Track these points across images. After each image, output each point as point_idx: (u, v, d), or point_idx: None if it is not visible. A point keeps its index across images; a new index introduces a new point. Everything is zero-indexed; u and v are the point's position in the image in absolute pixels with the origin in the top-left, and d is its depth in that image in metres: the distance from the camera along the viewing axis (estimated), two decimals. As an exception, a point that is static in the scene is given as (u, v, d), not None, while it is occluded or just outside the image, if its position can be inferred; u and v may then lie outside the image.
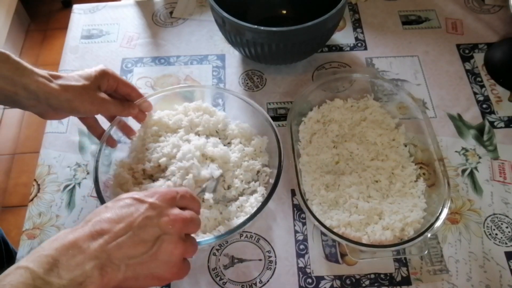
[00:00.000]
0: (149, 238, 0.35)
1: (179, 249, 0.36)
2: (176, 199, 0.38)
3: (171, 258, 0.36)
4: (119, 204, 0.36)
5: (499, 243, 0.51)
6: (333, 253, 0.51)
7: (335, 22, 0.60)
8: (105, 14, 0.76)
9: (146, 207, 0.36)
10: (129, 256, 0.34)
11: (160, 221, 0.35)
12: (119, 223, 0.34)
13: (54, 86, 0.46)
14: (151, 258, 0.35)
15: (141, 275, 0.35)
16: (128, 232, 0.34)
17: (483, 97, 0.63)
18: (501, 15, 0.71)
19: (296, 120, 0.57)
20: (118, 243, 0.33)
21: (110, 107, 0.50)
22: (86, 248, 0.32)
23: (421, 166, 0.55)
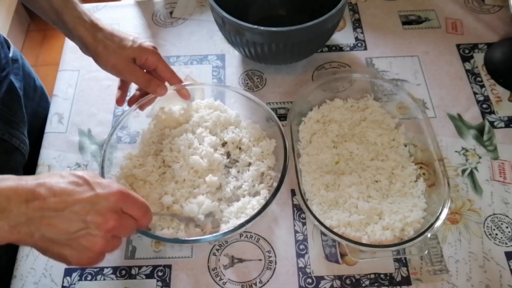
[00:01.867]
0: (75, 224, 0.35)
1: (97, 247, 0.36)
2: (126, 202, 0.37)
3: (85, 253, 0.36)
4: (70, 179, 0.36)
5: (499, 243, 0.51)
6: (333, 253, 0.51)
7: (335, 22, 0.60)
8: (105, 14, 0.76)
9: (89, 196, 0.35)
10: (47, 230, 0.34)
11: (93, 216, 0.35)
12: (57, 197, 0.35)
13: (88, 35, 0.50)
14: (67, 242, 0.35)
15: (49, 250, 0.36)
16: (59, 209, 0.34)
17: (483, 97, 0.63)
18: (501, 15, 0.71)
19: (296, 120, 0.57)
20: (43, 215, 0.34)
21: (133, 77, 0.52)
22: (13, 205, 0.33)
23: (421, 166, 0.55)
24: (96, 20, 0.51)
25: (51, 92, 0.67)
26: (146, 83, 0.53)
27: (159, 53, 0.53)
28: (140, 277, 0.50)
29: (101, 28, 0.51)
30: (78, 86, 0.67)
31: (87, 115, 0.64)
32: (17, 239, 0.34)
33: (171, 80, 0.55)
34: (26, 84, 0.66)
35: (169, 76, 0.55)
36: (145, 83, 0.53)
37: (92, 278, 0.50)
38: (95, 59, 0.52)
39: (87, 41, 0.51)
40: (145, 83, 0.53)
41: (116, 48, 0.50)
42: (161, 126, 0.57)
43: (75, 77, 0.68)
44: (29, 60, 0.49)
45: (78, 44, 0.53)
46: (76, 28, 0.50)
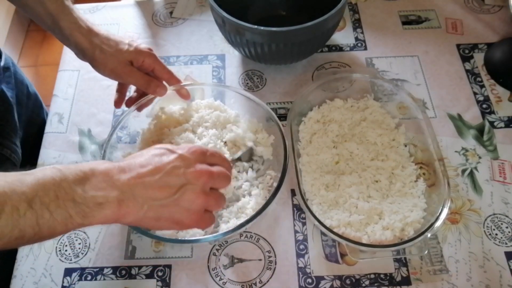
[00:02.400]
0: (174, 184, 0.37)
1: (200, 199, 0.38)
2: (205, 155, 0.40)
3: (191, 207, 0.38)
4: (151, 152, 0.39)
5: (499, 243, 0.51)
6: (333, 253, 0.51)
7: (335, 22, 0.60)
8: (105, 14, 0.76)
9: (175, 157, 0.38)
10: (152, 197, 0.36)
11: (186, 172, 0.38)
12: (147, 166, 0.37)
13: (85, 41, 0.50)
14: (173, 203, 0.37)
15: (162, 217, 0.38)
16: (155, 175, 0.37)
17: (483, 97, 0.63)
18: (501, 15, 0.71)
19: (296, 120, 0.57)
20: (144, 183, 0.36)
21: (132, 79, 0.52)
22: (116, 180, 0.35)
23: (421, 166, 0.55)
24: (92, 25, 0.51)
25: (51, 93, 0.67)
26: (145, 85, 0.53)
27: (155, 55, 0.53)
28: (140, 277, 0.50)
29: (97, 33, 0.51)
30: (78, 86, 0.67)
31: (87, 115, 0.64)
32: (126, 212, 0.36)
33: (170, 80, 0.55)
34: (19, 92, 0.65)
35: (167, 76, 0.55)
36: (144, 84, 0.53)
37: (92, 278, 0.50)
38: (93, 64, 0.52)
39: (84, 47, 0.50)
40: (145, 85, 0.53)
41: (113, 52, 0.51)
42: (161, 126, 0.57)
43: (75, 77, 0.68)
44: (29, 60, 0.49)
45: (74, 50, 0.52)
46: (72, 34, 0.50)
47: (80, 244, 0.52)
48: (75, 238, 0.53)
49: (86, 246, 0.52)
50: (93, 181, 0.35)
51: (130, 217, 0.36)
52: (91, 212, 0.34)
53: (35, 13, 0.50)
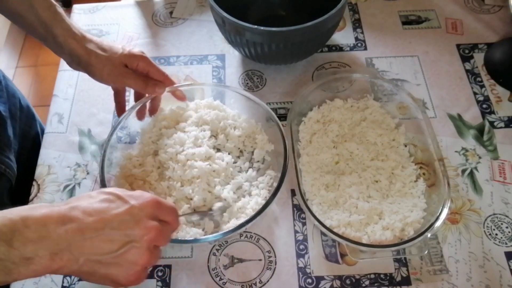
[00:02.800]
0: (118, 240, 0.34)
1: (144, 260, 0.35)
2: (158, 208, 0.37)
3: (133, 267, 0.35)
4: (101, 197, 0.36)
5: (499, 243, 0.51)
6: (333, 253, 0.51)
7: (335, 22, 0.60)
8: (105, 14, 0.76)
9: (125, 209, 0.35)
10: (91, 252, 0.34)
11: (133, 228, 0.35)
12: (93, 216, 0.34)
13: (80, 47, 0.49)
14: (113, 261, 0.34)
15: (97, 273, 0.35)
16: (98, 228, 0.34)
17: (483, 97, 0.63)
18: (501, 15, 0.71)
19: (296, 120, 0.57)
20: (84, 237, 0.33)
21: (130, 81, 0.52)
22: (52, 231, 0.32)
23: (421, 166, 0.55)
24: (85, 32, 0.51)
25: (51, 93, 0.67)
26: (143, 85, 0.53)
27: (148, 58, 0.53)
28: (140, 277, 0.50)
29: (90, 39, 0.51)
30: (78, 86, 0.67)
31: (87, 115, 0.64)
32: (60, 267, 0.33)
33: (165, 81, 0.55)
34: (11, 105, 0.63)
35: (162, 78, 0.55)
36: (142, 84, 0.53)
37: (92, 278, 0.50)
38: (89, 70, 0.51)
39: (79, 53, 0.50)
40: (143, 85, 0.53)
41: (108, 56, 0.50)
42: (161, 126, 0.57)
43: (75, 77, 0.68)
44: (29, 60, 0.49)
45: (67, 59, 0.52)
46: (67, 41, 0.49)
47: (80, 244, 0.52)
48: (75, 238, 0.53)
49: (86, 246, 0.52)
50: (24, 233, 0.31)
51: (64, 270, 0.33)
52: (16, 268, 0.31)
53: (27, 22, 0.49)
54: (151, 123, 0.57)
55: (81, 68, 0.52)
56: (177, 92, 0.57)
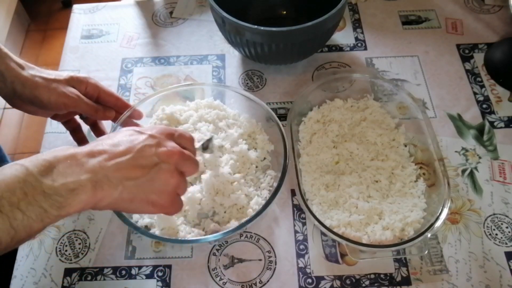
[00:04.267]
0: (147, 163, 0.36)
1: (174, 178, 0.38)
2: (174, 135, 0.40)
3: (166, 187, 0.38)
4: (120, 134, 0.38)
5: (499, 243, 0.51)
6: (333, 253, 0.51)
7: (335, 22, 0.60)
8: (105, 14, 0.76)
9: (146, 137, 0.38)
10: (126, 177, 0.35)
11: (158, 150, 0.37)
12: (118, 146, 0.36)
13: (23, 72, 0.46)
14: (147, 183, 0.36)
15: (136, 197, 0.36)
16: (128, 155, 0.36)
17: (483, 97, 0.63)
18: (501, 15, 0.71)
19: (296, 120, 0.57)
20: (117, 163, 0.35)
21: (80, 104, 0.48)
22: (85, 162, 0.34)
23: (421, 166, 0.55)
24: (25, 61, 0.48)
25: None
26: (93, 111, 0.50)
27: (97, 81, 0.51)
28: (140, 277, 0.50)
29: (33, 66, 0.48)
30: (78, 86, 0.67)
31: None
32: (103, 196, 0.34)
33: (117, 104, 0.52)
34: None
35: (113, 101, 0.52)
36: (90, 111, 0.50)
37: (92, 278, 0.50)
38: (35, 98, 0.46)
39: (23, 79, 0.46)
40: (92, 110, 0.50)
41: (54, 79, 0.47)
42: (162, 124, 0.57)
43: (75, 77, 0.68)
44: (29, 60, 0.48)
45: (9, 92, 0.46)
46: (9, 68, 0.45)
47: (80, 244, 0.52)
48: (75, 238, 0.53)
49: (86, 246, 0.52)
50: (60, 168, 0.33)
51: (106, 200, 0.35)
52: (65, 201, 0.32)
53: None
54: (151, 122, 0.57)
55: (25, 100, 0.47)
56: (135, 112, 0.54)
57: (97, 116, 0.51)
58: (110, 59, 0.70)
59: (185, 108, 0.59)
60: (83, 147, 0.36)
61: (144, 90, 0.66)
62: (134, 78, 0.67)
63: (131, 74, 0.68)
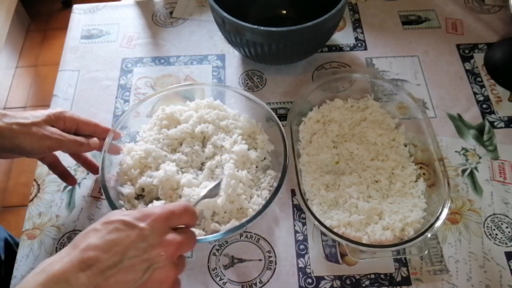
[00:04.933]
0: (139, 267, 0.34)
1: (170, 275, 0.35)
2: (169, 220, 0.36)
3: (162, 286, 0.35)
4: (108, 228, 0.35)
5: (499, 243, 0.51)
6: (333, 253, 0.51)
7: (335, 22, 0.60)
8: (105, 14, 0.76)
9: (136, 234, 0.34)
10: (118, 286, 0.33)
11: (151, 250, 0.34)
12: (108, 252, 0.33)
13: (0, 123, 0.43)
14: (141, 287, 0.34)
15: None
16: (116, 263, 0.33)
17: (483, 97, 0.63)
18: (501, 15, 0.71)
19: (296, 120, 0.57)
20: (106, 276, 0.32)
21: (64, 143, 0.47)
22: (74, 281, 0.31)
23: (421, 166, 0.54)
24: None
25: (51, 93, 0.67)
26: (77, 147, 0.48)
27: (72, 112, 0.49)
28: (140, 277, 0.50)
29: (5, 113, 0.44)
30: (78, 86, 0.67)
31: (87, 115, 0.62)
32: None
33: (96, 131, 0.51)
34: None
35: (92, 128, 0.51)
36: (75, 146, 0.48)
37: (92, 278, 0.50)
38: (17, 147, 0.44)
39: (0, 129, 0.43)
40: (76, 147, 0.48)
41: (32, 124, 0.45)
42: (163, 126, 0.57)
43: (75, 77, 0.68)
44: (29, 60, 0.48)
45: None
46: None
47: (80, 244, 0.52)
48: (75, 238, 0.53)
49: (86, 246, 0.52)
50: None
51: None
52: None
53: None
54: (151, 122, 0.57)
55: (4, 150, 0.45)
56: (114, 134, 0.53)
57: (82, 150, 0.49)
58: (110, 59, 0.70)
59: (185, 108, 0.59)
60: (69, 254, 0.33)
61: (144, 90, 0.66)
62: (134, 78, 0.67)
63: (131, 74, 0.68)
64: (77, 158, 0.54)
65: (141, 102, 0.56)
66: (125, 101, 0.65)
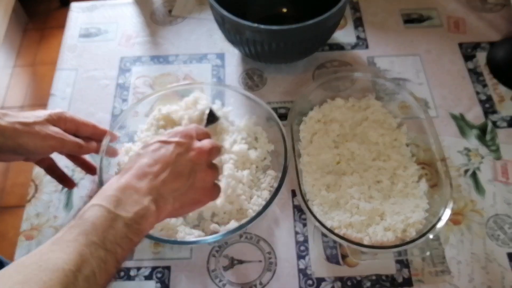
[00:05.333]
0: (185, 171, 0.40)
1: (209, 175, 0.42)
2: (194, 135, 0.43)
3: (205, 184, 0.42)
4: (150, 149, 0.40)
5: (502, 244, 0.50)
6: (334, 254, 0.50)
7: (336, 21, 0.59)
8: (103, 12, 0.75)
9: (174, 146, 0.40)
10: (173, 189, 0.39)
11: (189, 155, 0.41)
12: (156, 165, 0.39)
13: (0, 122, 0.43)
14: (190, 188, 0.40)
15: (185, 203, 0.41)
16: (167, 170, 0.39)
17: (486, 97, 0.63)
18: (504, 14, 0.71)
19: (296, 119, 0.57)
20: (162, 180, 0.38)
21: (66, 144, 0.47)
22: (140, 188, 0.37)
23: (423, 166, 0.54)
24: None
25: (49, 92, 0.66)
26: (77, 148, 0.49)
27: (71, 114, 0.49)
28: (139, 278, 0.50)
29: (6, 113, 0.44)
30: (76, 85, 0.66)
31: (85, 114, 0.63)
32: (161, 213, 0.38)
33: (95, 132, 0.51)
34: None
35: (91, 130, 0.51)
36: (75, 148, 0.48)
37: (90, 280, 0.50)
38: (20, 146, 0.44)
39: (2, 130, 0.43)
40: (76, 148, 0.48)
41: (35, 123, 0.45)
42: (159, 125, 0.56)
43: (73, 76, 0.67)
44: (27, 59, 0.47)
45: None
46: None
47: (78, 245, 0.52)
48: (73, 239, 0.52)
49: (84, 247, 0.52)
50: (125, 199, 0.36)
51: (163, 215, 0.38)
52: (141, 227, 0.35)
53: None
54: (148, 122, 0.57)
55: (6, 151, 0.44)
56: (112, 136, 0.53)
57: (81, 152, 0.50)
58: (108, 58, 0.69)
59: (178, 108, 0.57)
60: (125, 173, 0.38)
61: (143, 89, 0.65)
62: (133, 77, 0.67)
63: (130, 73, 0.67)
64: (74, 160, 0.54)
65: (139, 101, 0.56)
66: (124, 100, 0.64)
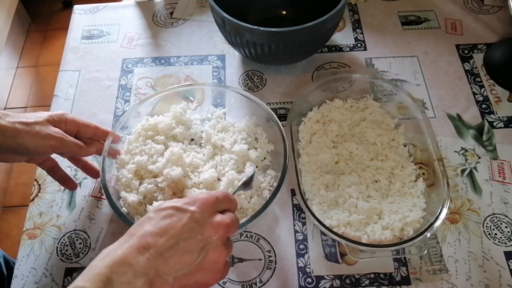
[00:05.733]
0: (194, 248, 0.35)
1: (223, 256, 0.37)
2: (216, 204, 0.38)
3: (216, 266, 0.37)
4: (161, 215, 0.36)
5: (498, 243, 0.51)
6: (332, 253, 0.51)
7: (335, 23, 0.60)
8: (105, 14, 0.76)
9: (188, 217, 0.36)
10: (176, 268, 0.35)
11: (203, 231, 0.36)
12: (163, 236, 0.35)
13: (0, 121, 0.43)
14: (197, 268, 0.35)
15: (187, 285, 0.35)
16: (173, 245, 0.35)
17: (483, 97, 0.63)
18: (500, 16, 0.72)
19: (296, 120, 0.57)
20: (164, 258, 0.34)
21: (66, 144, 0.47)
22: (135, 264, 0.33)
23: (421, 166, 0.55)
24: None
25: (52, 93, 0.67)
26: (77, 150, 0.48)
27: (73, 115, 0.49)
28: (141, 276, 0.50)
29: (6, 113, 0.44)
30: (79, 86, 0.67)
31: (88, 115, 0.64)
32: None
33: (97, 133, 0.51)
34: None
35: (93, 131, 0.51)
36: (76, 149, 0.48)
37: (92, 278, 0.50)
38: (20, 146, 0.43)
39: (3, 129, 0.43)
40: (77, 150, 0.48)
41: (36, 123, 0.44)
42: (147, 136, 0.56)
43: (75, 77, 0.68)
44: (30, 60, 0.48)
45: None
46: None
47: (81, 244, 0.53)
48: (76, 238, 0.53)
49: (86, 246, 0.52)
50: (116, 280, 0.32)
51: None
52: None
53: None
54: (135, 132, 0.56)
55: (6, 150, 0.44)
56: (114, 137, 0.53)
57: (81, 153, 0.49)
58: (110, 60, 0.70)
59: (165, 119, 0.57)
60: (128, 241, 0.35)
61: (145, 90, 0.66)
62: (135, 78, 0.68)
63: (132, 75, 0.68)
64: (76, 162, 0.54)
65: (141, 102, 0.56)
66: (126, 101, 0.65)
